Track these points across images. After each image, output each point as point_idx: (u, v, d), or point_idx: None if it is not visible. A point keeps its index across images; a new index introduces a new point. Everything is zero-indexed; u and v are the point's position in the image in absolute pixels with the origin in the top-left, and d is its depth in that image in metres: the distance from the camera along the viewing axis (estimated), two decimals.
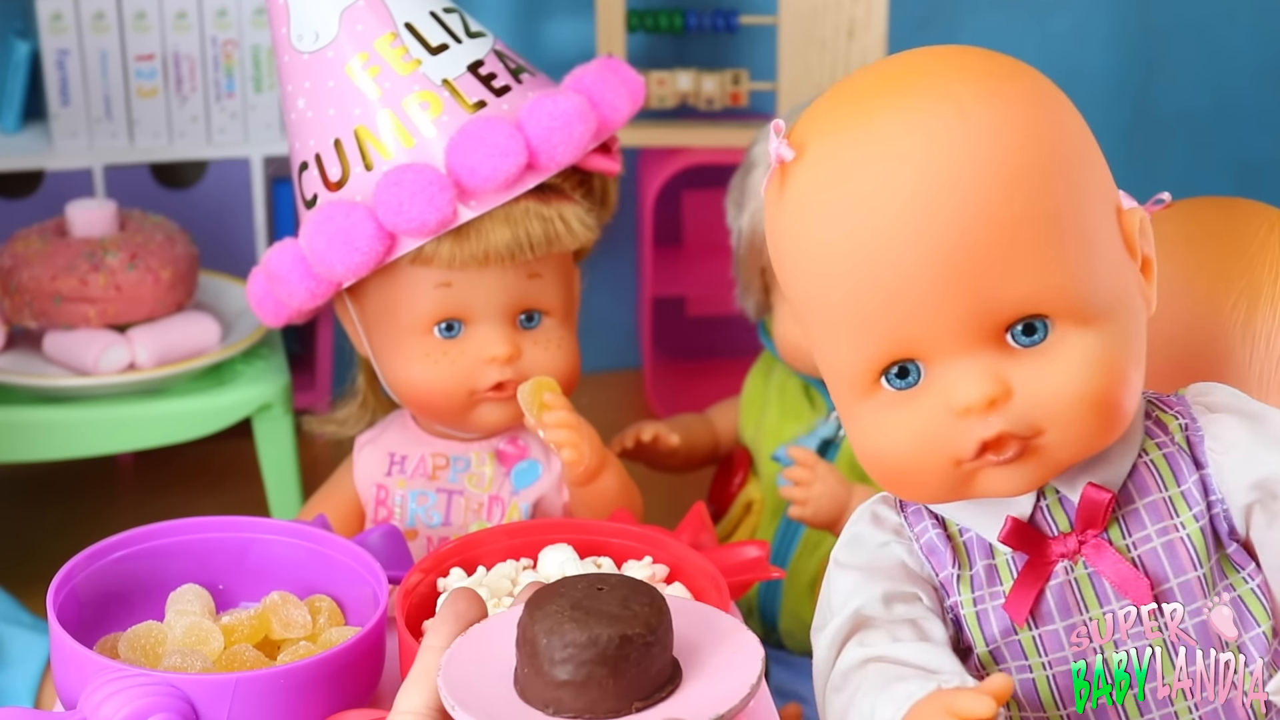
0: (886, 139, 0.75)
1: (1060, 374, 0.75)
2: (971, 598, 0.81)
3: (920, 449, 0.77)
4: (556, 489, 1.30)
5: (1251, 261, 0.98)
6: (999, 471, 0.77)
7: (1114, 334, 0.76)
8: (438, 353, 1.26)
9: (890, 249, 0.74)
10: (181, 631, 0.99)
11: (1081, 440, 0.77)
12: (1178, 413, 0.83)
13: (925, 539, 0.83)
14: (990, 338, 0.75)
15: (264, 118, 1.93)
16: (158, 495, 1.97)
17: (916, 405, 0.77)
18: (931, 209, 0.74)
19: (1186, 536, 0.79)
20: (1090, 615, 0.80)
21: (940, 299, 0.74)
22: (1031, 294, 0.74)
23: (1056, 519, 0.80)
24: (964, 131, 0.74)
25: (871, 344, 0.77)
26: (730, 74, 2.04)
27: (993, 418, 0.75)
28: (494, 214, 1.23)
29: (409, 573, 1.05)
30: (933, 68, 0.77)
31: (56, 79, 1.87)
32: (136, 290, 1.63)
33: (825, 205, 0.76)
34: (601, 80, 1.29)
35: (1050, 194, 0.75)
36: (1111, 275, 0.77)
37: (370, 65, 1.24)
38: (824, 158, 0.77)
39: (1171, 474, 0.80)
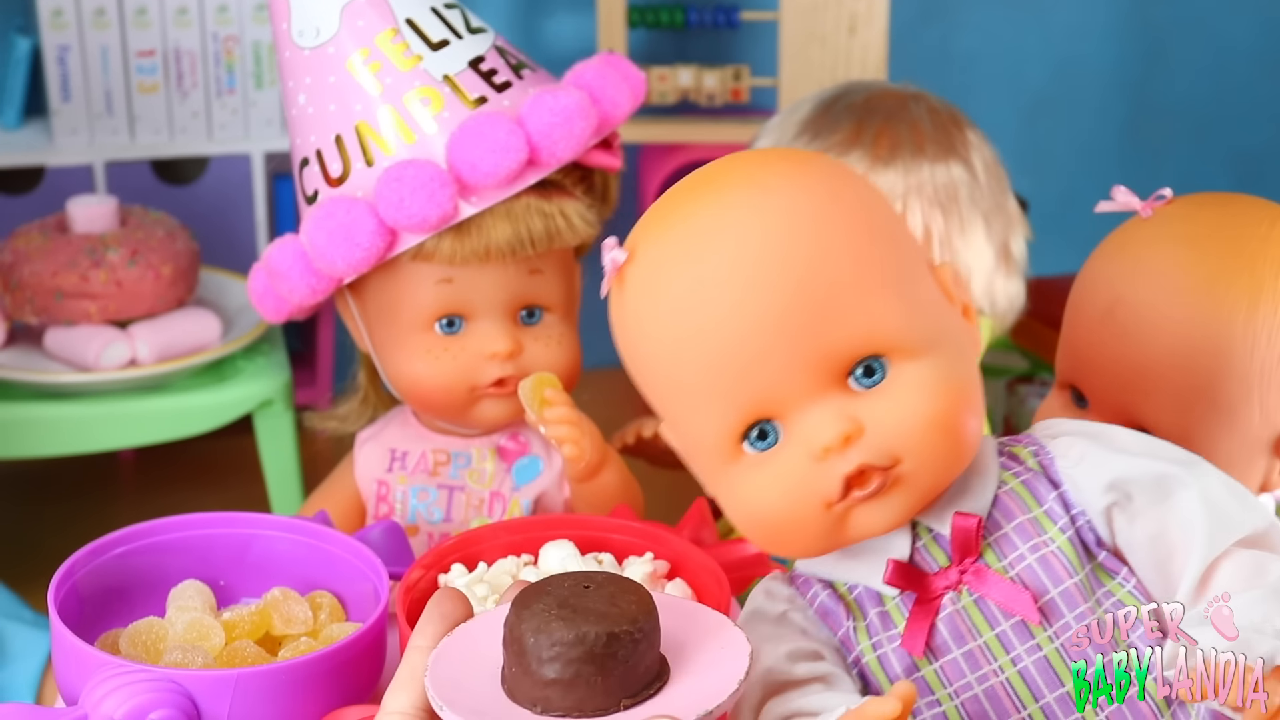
0: (705, 226, 0.81)
1: (905, 402, 0.80)
2: (870, 644, 0.84)
3: (791, 499, 0.81)
4: (557, 485, 1.30)
5: (1253, 258, 0.98)
6: (868, 508, 0.81)
7: (946, 363, 0.81)
8: (439, 349, 1.26)
9: (729, 319, 0.79)
10: (183, 627, 0.99)
11: (937, 462, 0.81)
12: (1026, 443, 0.87)
13: (818, 603, 0.86)
14: (835, 383, 0.80)
15: (265, 114, 1.93)
16: (159, 491, 1.97)
17: (779, 460, 0.81)
18: (757, 281, 0.79)
19: (1058, 549, 0.83)
20: (984, 639, 0.82)
21: (783, 357, 0.79)
22: (863, 336, 0.80)
23: (934, 556, 0.84)
24: (773, 207, 0.81)
25: (729, 412, 0.81)
26: (731, 70, 2.04)
27: (851, 453, 0.79)
28: (495, 210, 1.22)
29: (410, 569, 1.05)
30: (739, 163, 0.85)
31: (57, 75, 1.87)
32: (137, 286, 1.63)
33: (662, 297, 0.82)
34: (602, 76, 1.29)
35: (860, 248, 0.81)
36: (934, 315, 0.83)
37: (371, 61, 1.24)
38: (653, 254, 0.83)
39: (1032, 496, 0.84)
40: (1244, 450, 0.99)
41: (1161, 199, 1.03)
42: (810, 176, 0.83)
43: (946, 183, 1.37)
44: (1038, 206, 1.91)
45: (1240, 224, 1.00)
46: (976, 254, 1.38)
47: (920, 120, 1.40)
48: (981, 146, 1.42)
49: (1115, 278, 1.02)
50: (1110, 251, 1.04)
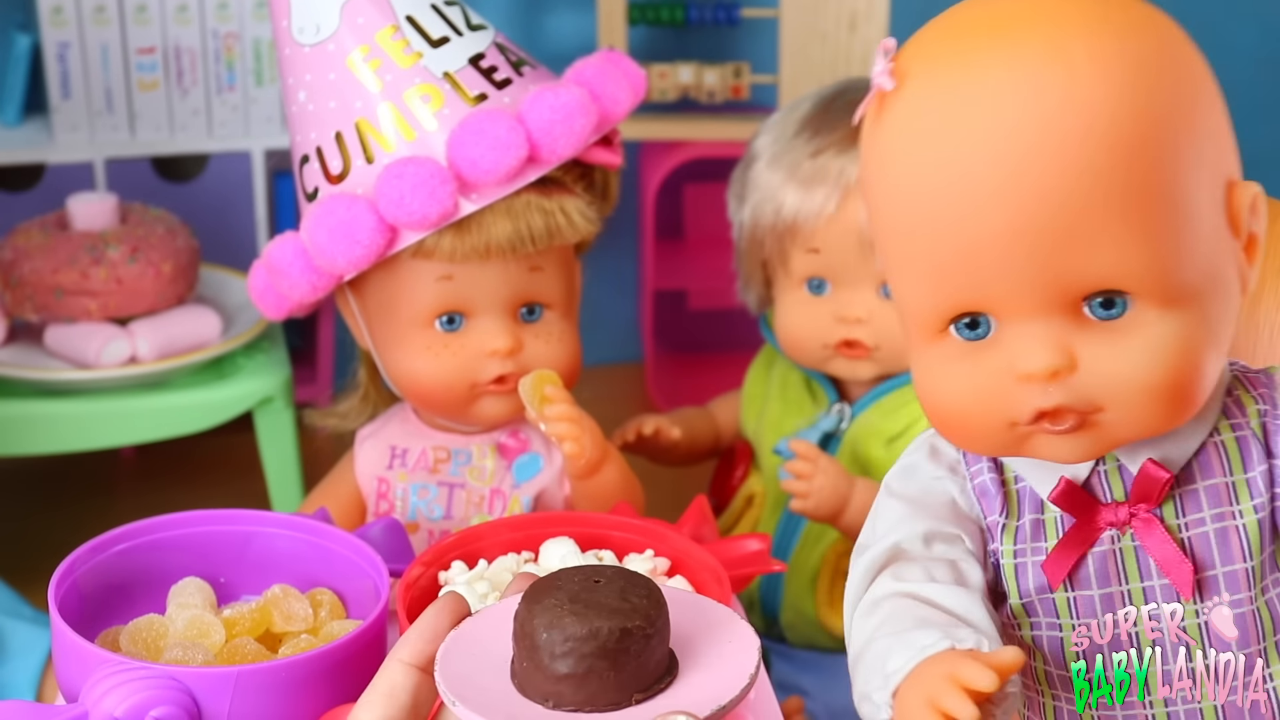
0: (988, 87, 0.72)
1: (1131, 356, 0.73)
2: (1013, 549, 0.80)
3: (978, 405, 0.76)
4: (558, 482, 1.30)
5: None
6: (1054, 439, 0.76)
7: (1196, 318, 0.74)
8: (439, 346, 1.26)
9: (975, 201, 0.72)
10: (183, 625, 0.99)
11: (1143, 423, 0.75)
12: (1259, 395, 0.80)
13: (979, 480, 0.82)
14: (1066, 305, 0.73)
15: (265, 111, 1.93)
16: (159, 489, 1.97)
17: (981, 359, 0.75)
18: (1022, 167, 0.71)
19: (1242, 526, 0.78)
20: (1129, 587, 0.79)
21: (1019, 260, 0.72)
22: (1115, 268, 0.72)
23: (1112, 486, 0.79)
24: (1067, 90, 0.71)
25: (945, 291, 0.75)
26: (732, 67, 2.04)
27: (1053, 388, 0.73)
28: (495, 207, 1.22)
29: (410, 566, 1.05)
30: (1054, 12, 0.74)
31: (57, 72, 1.86)
32: (138, 284, 1.63)
33: (917, 146, 0.74)
34: (603, 73, 1.28)
35: (1150, 166, 0.72)
36: (1205, 256, 0.74)
37: (371, 58, 1.24)
38: (923, 96, 0.74)
39: (1240, 458, 0.78)
40: None
41: None
42: (1124, 65, 0.72)
43: None
44: None
45: None
46: None
47: None
48: None
49: None
50: None
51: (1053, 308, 0.73)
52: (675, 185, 2.15)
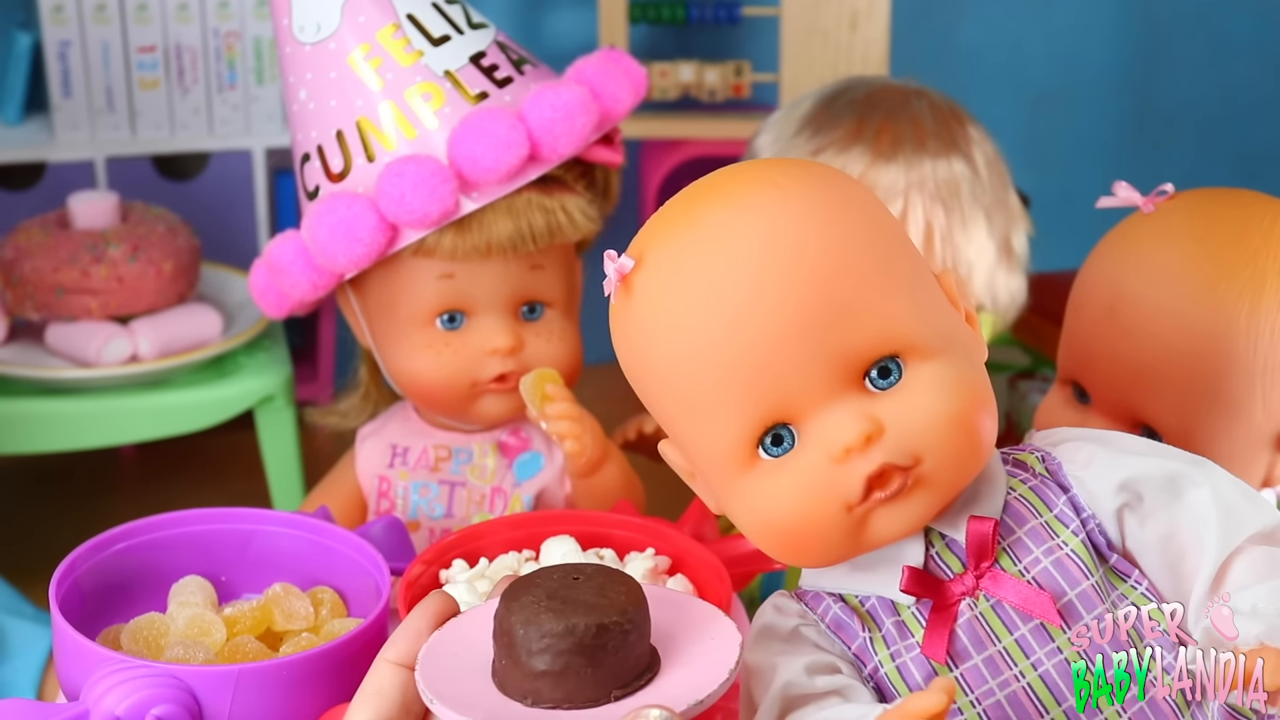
0: (719, 228, 0.80)
1: (923, 400, 0.79)
2: (889, 653, 0.83)
3: (810, 503, 0.80)
4: (559, 481, 1.30)
5: (1256, 253, 0.98)
6: (888, 511, 0.80)
7: (960, 362, 0.81)
8: (440, 344, 1.26)
9: (746, 324, 0.78)
10: (184, 623, 0.99)
11: (957, 460, 0.80)
12: (1031, 450, 0.86)
13: (830, 616, 0.85)
14: (852, 385, 0.79)
15: (266, 109, 1.93)
16: (160, 487, 1.97)
17: (797, 464, 0.80)
18: (775, 280, 0.78)
19: (1071, 552, 0.82)
20: (1003, 644, 0.82)
21: (801, 358, 0.78)
22: (880, 337, 0.79)
23: (948, 563, 0.83)
24: (788, 207, 0.80)
25: (745, 417, 0.80)
26: (733, 65, 2.04)
27: (873, 452, 0.78)
28: (496, 205, 1.22)
29: (411, 564, 1.05)
30: (750, 167, 0.84)
31: (58, 71, 1.87)
32: (138, 282, 1.63)
33: (675, 302, 0.80)
34: (603, 71, 1.28)
35: (875, 250, 0.81)
36: (944, 319, 0.82)
37: (372, 56, 1.24)
38: (664, 259, 0.81)
39: (1042, 502, 0.84)
40: (1247, 445, 0.99)
41: (1163, 194, 1.03)
42: (825, 179, 0.83)
43: (948, 178, 1.37)
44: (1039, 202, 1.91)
45: (1242, 219, 1.00)
46: (978, 249, 1.38)
47: (922, 116, 1.40)
48: (983, 142, 1.42)
49: (1117, 273, 1.02)
50: (1112, 247, 1.04)
51: (843, 390, 0.79)
52: (676, 184, 2.14)
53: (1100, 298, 1.03)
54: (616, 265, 0.82)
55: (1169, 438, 0.99)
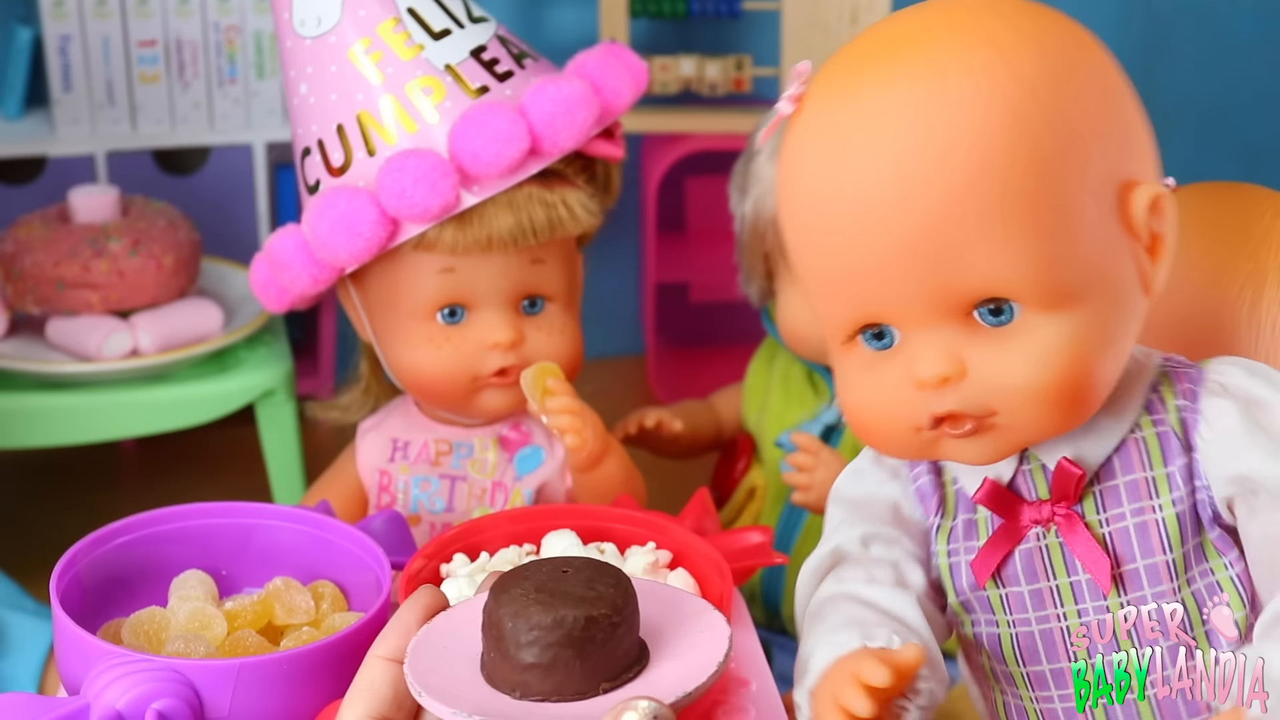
0: (866, 108, 0.75)
1: (1017, 362, 0.75)
2: (947, 549, 0.83)
3: (884, 412, 0.79)
4: (560, 475, 1.30)
5: (1257, 246, 0.98)
6: (959, 442, 0.78)
7: (1085, 320, 0.75)
8: (440, 338, 1.26)
9: (861, 220, 0.75)
10: (185, 617, 0.99)
11: (1036, 425, 0.77)
12: (1181, 391, 0.82)
13: (920, 483, 0.84)
14: (957, 314, 0.76)
15: (266, 103, 1.93)
16: (160, 481, 1.97)
17: (886, 368, 0.78)
18: (901, 185, 0.74)
19: (1161, 520, 0.79)
20: (1057, 582, 0.81)
21: (906, 275, 0.75)
22: (997, 277, 0.74)
23: (1037, 485, 0.81)
24: (941, 107, 0.74)
25: (848, 305, 0.78)
26: (733, 60, 2.04)
27: (946, 395, 0.76)
28: (497, 199, 1.22)
29: (412, 558, 1.05)
30: (934, 30, 0.76)
31: (59, 65, 1.86)
32: (139, 276, 1.63)
33: (808, 168, 0.77)
34: (604, 65, 1.28)
35: (1027, 176, 0.74)
36: (1092, 260, 0.76)
37: (373, 50, 1.24)
38: (812, 120, 0.78)
39: (1160, 454, 0.80)
40: None
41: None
42: (999, 79, 0.74)
43: None
44: None
45: (1244, 213, 1.00)
46: None
47: None
48: None
49: None
50: None
51: (945, 317, 0.76)
52: (677, 178, 2.15)
53: None
54: (780, 105, 0.79)
55: None
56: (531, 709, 0.71)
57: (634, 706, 0.68)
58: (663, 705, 0.68)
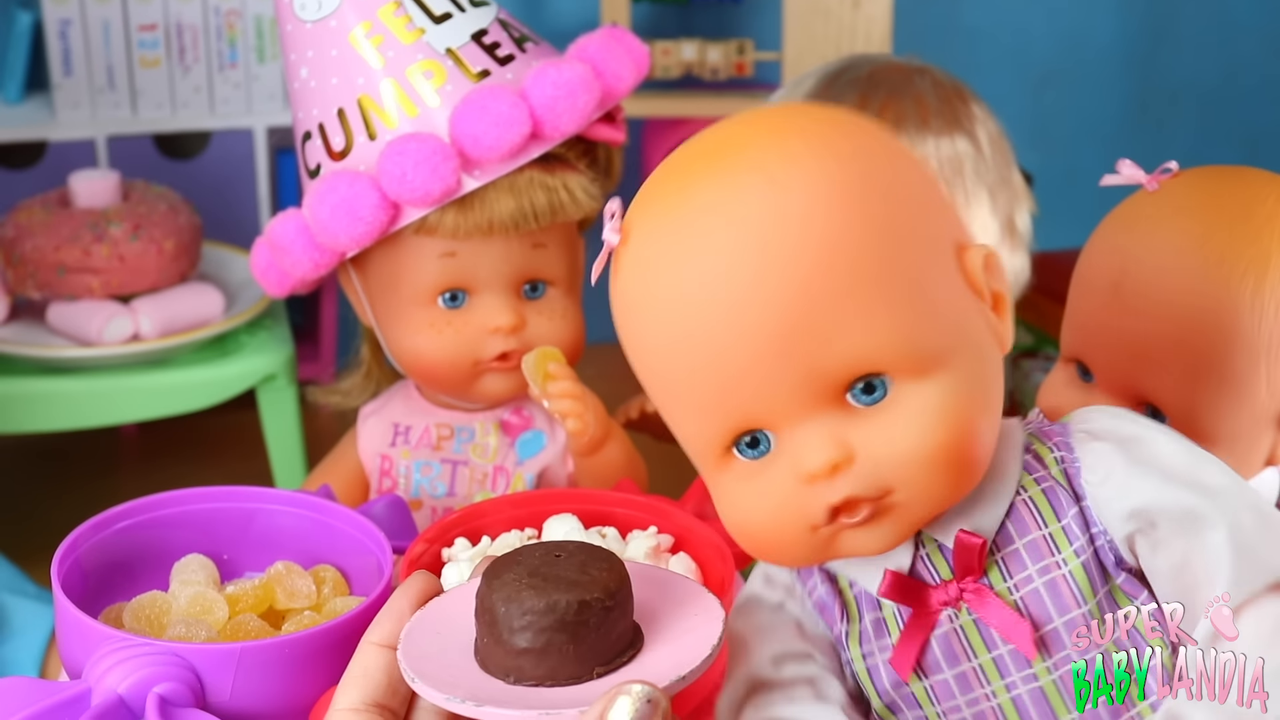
0: (699, 220, 0.74)
1: (903, 431, 0.74)
2: (860, 653, 0.81)
3: (776, 517, 0.77)
4: (561, 459, 1.30)
5: (1259, 230, 0.98)
6: (856, 533, 0.76)
7: (956, 382, 0.75)
8: (442, 323, 1.25)
9: (717, 329, 0.74)
10: (186, 601, 0.99)
11: (933, 495, 0.76)
12: (1055, 444, 0.81)
13: (815, 595, 0.83)
14: (831, 399, 0.74)
15: (267, 88, 1.93)
16: (162, 466, 1.98)
17: (769, 474, 0.76)
18: (750, 284, 0.73)
19: (1069, 574, 0.78)
20: (979, 661, 0.79)
21: (774, 369, 0.74)
22: (864, 353, 0.74)
23: (937, 566, 0.79)
24: (774, 202, 0.73)
25: (718, 420, 0.76)
26: (735, 44, 2.04)
27: (839, 482, 0.74)
28: (498, 184, 1.22)
29: (413, 543, 1.05)
30: (747, 138, 0.77)
31: (59, 49, 1.86)
32: (140, 261, 1.63)
33: (650, 293, 0.76)
34: (606, 49, 1.28)
35: (871, 252, 0.74)
36: (949, 321, 0.76)
37: (373, 34, 1.24)
38: (644, 244, 0.76)
39: (1051, 509, 0.79)
40: (1250, 424, 0.99)
41: (1167, 172, 1.03)
42: (824, 166, 0.75)
43: (951, 156, 1.36)
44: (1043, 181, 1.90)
45: (1247, 196, 0.99)
46: (981, 228, 1.38)
47: (925, 94, 1.39)
48: (986, 120, 1.41)
49: (1121, 252, 1.01)
50: (1115, 225, 1.03)
51: (820, 405, 0.74)
52: None
53: (1104, 276, 1.02)
54: (606, 236, 0.78)
55: (1172, 416, 0.99)
56: (525, 694, 0.71)
57: (628, 691, 0.68)
58: (656, 689, 0.68)
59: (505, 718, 0.69)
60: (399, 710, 0.75)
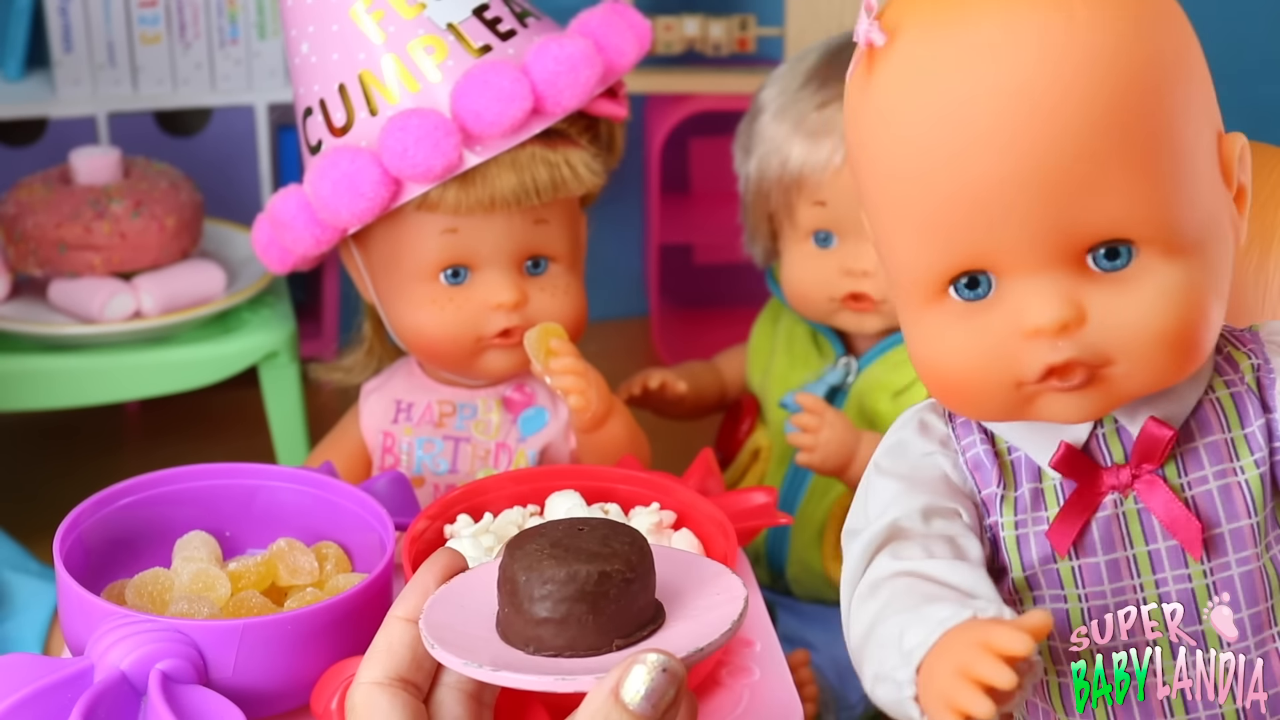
0: (986, 36, 0.71)
1: (1139, 305, 0.72)
2: (1014, 520, 0.79)
3: (983, 366, 0.74)
4: (563, 436, 1.30)
5: (1264, 205, 0.98)
6: (1061, 397, 0.74)
7: (1200, 267, 0.73)
8: (444, 299, 1.25)
9: (978, 153, 0.71)
10: (188, 578, 0.99)
11: (1153, 374, 0.73)
12: (1250, 350, 0.79)
13: (971, 453, 0.80)
14: (1070, 257, 0.72)
15: (268, 64, 1.92)
16: (164, 443, 1.98)
17: (984, 319, 0.74)
18: (1026, 116, 0.70)
19: (1244, 482, 0.77)
20: (1135, 551, 0.77)
21: (1024, 212, 0.71)
22: (1120, 217, 0.71)
23: (1111, 449, 0.78)
24: (1068, 37, 0.71)
25: (946, 249, 0.74)
26: (737, 19, 2.03)
27: (1062, 343, 0.72)
28: (500, 159, 1.22)
29: (415, 519, 1.05)
30: None
31: (59, 26, 1.85)
32: (141, 238, 1.62)
33: (915, 100, 0.73)
34: (607, 24, 1.28)
35: (1153, 112, 0.72)
36: (1205, 204, 0.74)
37: (374, 9, 1.23)
38: (918, 49, 0.73)
39: (1237, 415, 0.77)
40: None
41: None
42: (1125, 10, 0.72)
43: None
44: None
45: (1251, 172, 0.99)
46: None
47: None
48: None
49: None
50: None
51: (1057, 261, 0.72)
52: (681, 139, 2.14)
53: None
54: (866, 32, 0.74)
55: None
56: (544, 664, 0.71)
57: (643, 660, 0.68)
58: (673, 658, 0.68)
59: (522, 683, 0.70)
60: (422, 685, 0.76)
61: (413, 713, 0.74)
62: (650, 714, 0.68)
